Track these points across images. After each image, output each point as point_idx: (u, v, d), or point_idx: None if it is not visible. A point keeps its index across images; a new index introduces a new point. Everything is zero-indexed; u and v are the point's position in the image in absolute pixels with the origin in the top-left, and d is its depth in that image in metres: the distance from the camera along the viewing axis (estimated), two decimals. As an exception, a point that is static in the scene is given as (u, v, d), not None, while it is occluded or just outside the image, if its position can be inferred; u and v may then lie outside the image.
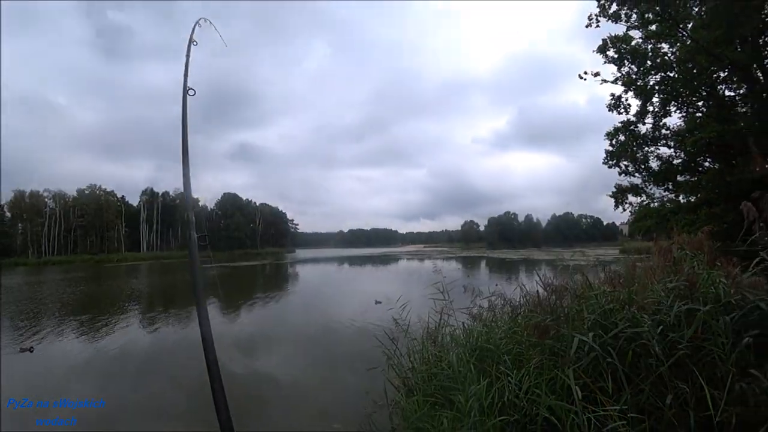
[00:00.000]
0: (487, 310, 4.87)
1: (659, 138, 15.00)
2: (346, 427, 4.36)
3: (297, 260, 59.73)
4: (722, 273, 3.42)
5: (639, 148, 15.24)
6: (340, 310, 14.63)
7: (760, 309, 3.02)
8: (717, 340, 2.85)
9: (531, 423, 2.62)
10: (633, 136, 15.25)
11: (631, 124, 15.46)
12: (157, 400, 6.30)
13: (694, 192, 13.68)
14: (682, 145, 13.87)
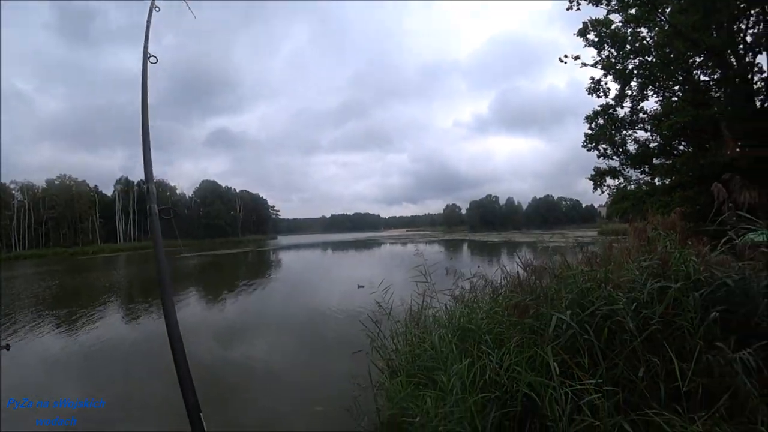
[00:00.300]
0: (469, 292, 4.96)
1: (637, 122, 15.31)
2: (330, 410, 4.41)
3: (279, 247, 59.32)
4: (693, 252, 3.56)
5: (617, 132, 15.55)
6: (324, 295, 14.65)
7: (727, 285, 3.17)
8: (687, 315, 2.97)
9: (511, 399, 2.70)
10: (611, 120, 15.54)
11: (610, 107, 15.72)
12: (139, 393, 6.27)
13: (669, 174, 14.09)
14: (658, 128, 14.22)
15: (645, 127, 15.29)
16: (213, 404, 5.74)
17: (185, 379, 1.57)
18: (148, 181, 2.13)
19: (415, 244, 49.07)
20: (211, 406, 5.67)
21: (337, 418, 4.17)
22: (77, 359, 8.56)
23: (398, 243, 55.51)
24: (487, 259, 25.84)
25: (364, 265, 29.27)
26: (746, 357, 2.60)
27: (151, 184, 2.13)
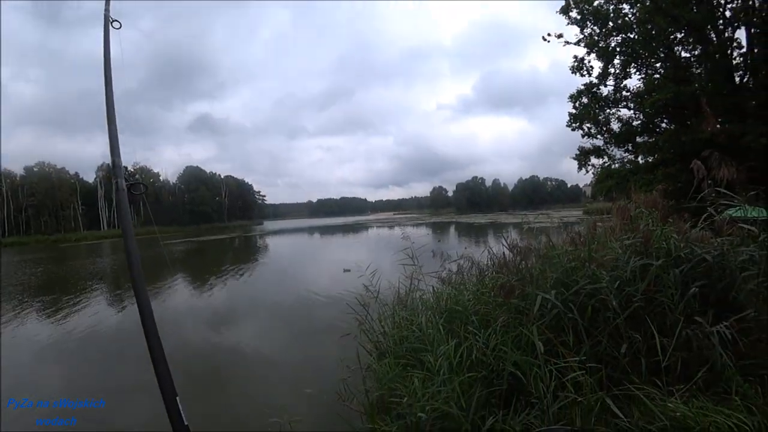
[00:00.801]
0: (456, 274, 4.99)
1: (620, 100, 15.38)
2: (319, 393, 4.44)
3: (266, 232, 58.94)
4: (674, 229, 3.62)
5: (601, 111, 15.62)
6: (311, 280, 14.65)
7: (706, 261, 3.24)
8: (667, 291, 3.04)
9: (497, 378, 2.75)
10: (595, 99, 15.58)
11: (594, 86, 15.73)
12: (124, 378, 6.24)
13: (652, 152, 14.26)
14: (640, 106, 14.30)
15: (628, 105, 15.38)
16: (201, 388, 5.76)
17: (160, 363, 1.52)
18: (114, 155, 2.01)
19: (402, 227, 49.27)
20: (199, 390, 5.73)
21: (327, 400, 4.20)
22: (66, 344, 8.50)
23: (385, 226, 55.60)
24: (474, 240, 26.09)
25: (351, 248, 29.28)
26: (723, 330, 2.69)
27: (117, 157, 2.01)
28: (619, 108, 15.71)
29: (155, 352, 1.55)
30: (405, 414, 2.41)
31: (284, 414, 3.65)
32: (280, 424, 3.65)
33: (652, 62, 14.68)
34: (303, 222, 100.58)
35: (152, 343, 1.56)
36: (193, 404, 5.16)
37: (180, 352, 7.45)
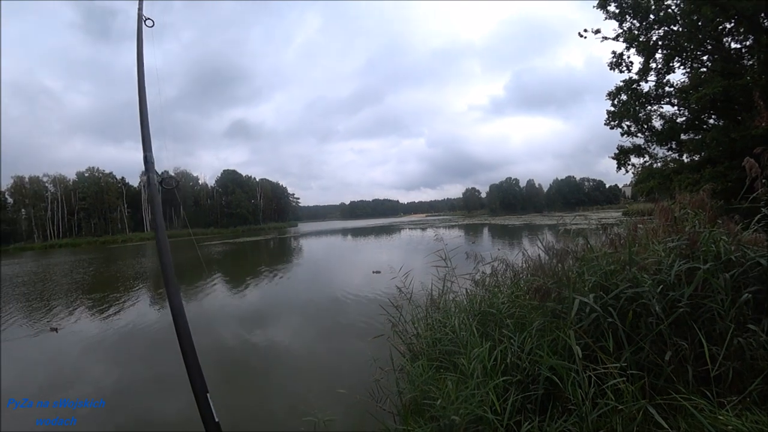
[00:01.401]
0: (489, 276, 4.93)
1: (662, 96, 14.69)
2: (352, 393, 4.48)
3: (300, 234, 60.05)
4: (723, 231, 3.43)
5: (641, 108, 14.97)
6: (345, 281, 14.79)
7: (761, 265, 3.04)
8: (716, 297, 2.88)
9: (533, 382, 2.69)
10: (635, 95, 14.94)
11: (633, 82, 15.11)
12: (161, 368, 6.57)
13: (698, 150, 13.53)
14: (686, 102, 13.60)
15: (671, 101, 14.67)
16: (235, 385, 5.95)
17: (191, 359, 1.56)
18: (146, 150, 2.09)
19: (434, 228, 49.01)
20: (233, 386, 5.91)
21: (360, 400, 4.24)
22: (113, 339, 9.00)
23: (417, 228, 55.44)
24: (508, 242, 25.55)
25: (384, 250, 29.36)
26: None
27: (149, 152, 2.09)
28: (662, 104, 15.02)
29: (186, 348, 1.59)
30: (438, 416, 2.40)
31: (318, 413, 3.71)
32: (314, 423, 3.72)
33: (698, 55, 13.94)
34: (336, 224, 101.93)
35: (183, 340, 1.60)
36: (227, 400, 5.37)
37: (215, 349, 7.74)
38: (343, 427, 3.88)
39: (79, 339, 9.09)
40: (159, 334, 9.10)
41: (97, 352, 8.23)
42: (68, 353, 8.08)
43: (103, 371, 7.11)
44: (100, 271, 24.07)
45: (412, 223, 75.68)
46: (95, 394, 6.17)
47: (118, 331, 9.70)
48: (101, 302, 13.33)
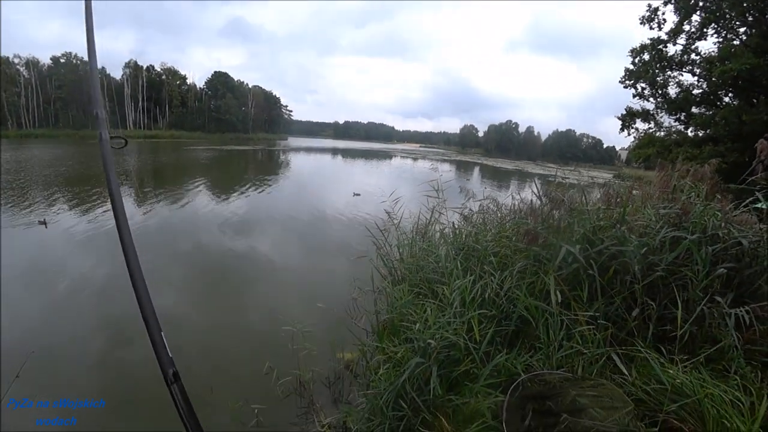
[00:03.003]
0: (477, 213, 4.96)
1: (686, 63, 14.09)
2: (329, 307, 4.66)
3: (290, 148, 58.95)
4: (717, 207, 3.46)
5: (661, 71, 14.41)
6: (330, 200, 14.86)
7: (741, 245, 3.13)
8: (693, 267, 2.97)
9: (506, 319, 2.82)
10: (658, 57, 14.29)
11: (661, 42, 14.37)
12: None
13: (705, 126, 13.32)
14: (708, 73, 13.07)
15: (693, 70, 14.11)
16: (214, 294, 6.13)
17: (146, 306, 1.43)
18: (96, 107, 1.71)
19: (427, 160, 48.76)
20: (212, 295, 6.07)
21: (337, 316, 4.43)
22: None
23: (409, 157, 55.02)
24: (497, 185, 25.72)
25: (373, 175, 29.32)
26: (742, 314, 2.66)
27: (100, 109, 1.72)
28: (682, 71, 14.48)
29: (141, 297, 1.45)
30: (414, 339, 2.51)
31: (297, 324, 3.88)
32: (292, 333, 3.89)
33: (736, 26, 13.14)
34: (328, 142, 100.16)
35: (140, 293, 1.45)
36: (206, 306, 5.53)
37: (195, 254, 7.86)
38: (320, 339, 4.08)
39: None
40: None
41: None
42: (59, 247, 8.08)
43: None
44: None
45: (404, 152, 74.98)
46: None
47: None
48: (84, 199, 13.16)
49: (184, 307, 5.50)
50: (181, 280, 6.56)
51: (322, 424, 3.30)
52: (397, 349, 2.55)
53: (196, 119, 73.86)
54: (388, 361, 2.66)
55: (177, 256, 7.69)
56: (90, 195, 13.25)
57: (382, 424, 2.46)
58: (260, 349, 4.43)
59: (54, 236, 8.75)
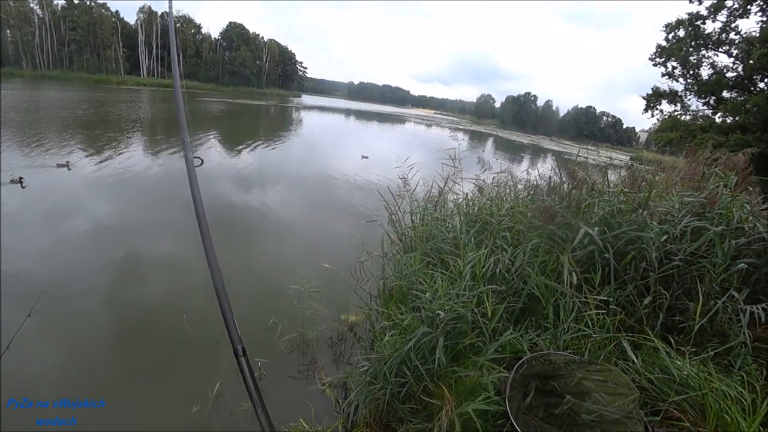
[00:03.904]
0: (491, 186, 4.86)
1: (723, 42, 13.31)
2: (337, 269, 4.66)
3: (303, 106, 58.01)
4: (745, 199, 3.34)
5: (695, 50, 13.67)
6: (341, 161, 14.71)
7: (764, 240, 3.03)
8: (713, 259, 2.89)
9: (514, 295, 2.78)
10: (694, 34, 13.50)
11: (699, 18, 13.53)
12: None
13: (735, 113, 12.73)
14: (746, 55, 12.39)
15: (731, 50, 13.35)
16: (223, 241, 6.14)
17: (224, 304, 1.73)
18: (182, 132, 1.95)
19: (440, 128, 47.92)
20: (222, 242, 6.08)
21: (344, 278, 4.43)
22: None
23: (423, 124, 54.05)
24: (510, 157, 25.30)
25: (385, 139, 28.92)
26: (758, 311, 2.60)
27: (185, 135, 2.07)
28: (718, 51, 13.69)
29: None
30: (421, 307, 2.49)
31: (305, 282, 3.89)
32: (299, 291, 3.91)
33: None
34: (341, 102, 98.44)
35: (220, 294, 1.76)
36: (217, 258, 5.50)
37: (205, 204, 7.86)
38: (326, 300, 4.11)
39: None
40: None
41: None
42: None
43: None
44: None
45: (418, 117, 73.65)
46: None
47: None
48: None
49: (190, 255, 5.54)
50: (189, 230, 6.56)
51: (322, 382, 3.36)
52: (404, 317, 2.54)
53: (210, 70, 72.34)
54: (393, 328, 2.65)
55: (187, 206, 7.67)
56: (110, 139, 13.29)
57: (384, 388, 2.48)
58: (265, 303, 4.47)
59: (79, 178, 8.79)
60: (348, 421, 2.87)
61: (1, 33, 46.14)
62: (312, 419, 2.93)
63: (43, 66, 57.33)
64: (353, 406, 2.81)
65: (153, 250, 5.60)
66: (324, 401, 3.22)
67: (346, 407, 2.98)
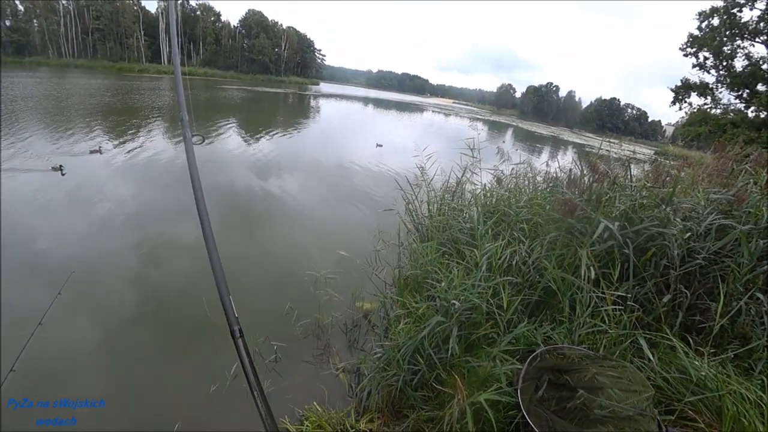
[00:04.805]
0: (510, 177, 4.82)
1: (761, 32, 12.68)
2: (352, 257, 4.69)
3: (321, 94, 58.00)
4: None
5: (730, 40, 13.06)
6: (359, 150, 14.71)
7: (793, 241, 2.93)
8: (738, 259, 2.81)
9: (530, 288, 2.77)
10: (730, 22, 12.88)
11: (736, 5, 12.89)
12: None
13: (769, 107, 12.23)
14: (785, 47, 11.86)
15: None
16: (238, 231, 6.24)
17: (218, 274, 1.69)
18: (181, 109, 2.09)
19: (459, 117, 47.39)
20: (235, 232, 6.20)
21: (360, 266, 4.47)
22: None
23: (441, 113, 53.51)
24: (528, 149, 24.89)
25: (401, 128, 28.77)
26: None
27: (184, 113, 2.09)
28: (755, 41, 13.06)
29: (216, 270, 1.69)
30: (436, 297, 2.51)
31: (321, 269, 3.94)
32: (315, 277, 3.96)
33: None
34: (359, 91, 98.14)
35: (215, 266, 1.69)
36: (229, 242, 5.66)
37: (221, 189, 7.99)
38: (341, 286, 4.16)
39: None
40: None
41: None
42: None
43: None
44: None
45: (437, 106, 72.91)
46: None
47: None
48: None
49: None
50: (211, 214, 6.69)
51: (336, 367, 3.43)
52: (419, 306, 2.56)
53: (229, 58, 72.94)
54: (408, 316, 2.68)
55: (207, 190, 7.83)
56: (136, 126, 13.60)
57: (397, 375, 2.52)
58: (282, 289, 4.55)
59: (109, 164, 9.03)
60: (360, 406, 2.92)
61: (0, 23, 47.34)
62: (326, 402, 2.99)
63: (68, 54, 58.68)
64: (366, 392, 2.86)
65: (178, 234, 5.74)
66: (337, 386, 3.28)
67: (358, 392, 3.03)
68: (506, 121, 62.27)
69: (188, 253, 5.15)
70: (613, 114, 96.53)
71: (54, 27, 57.29)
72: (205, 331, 3.51)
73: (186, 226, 5.85)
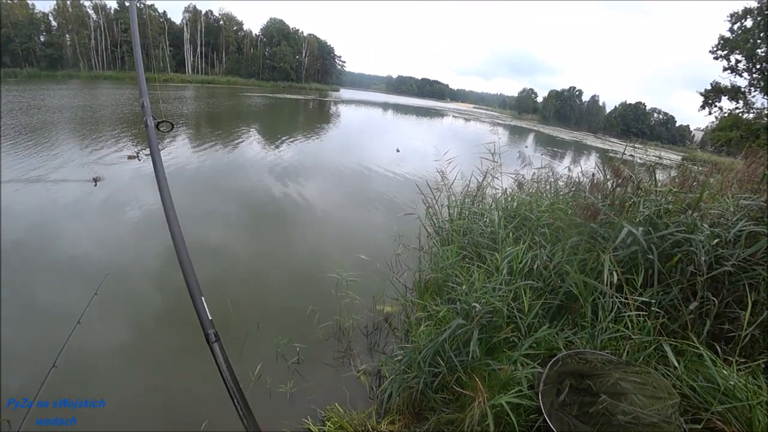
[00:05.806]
0: (531, 182, 4.80)
1: (797, 34, 12.23)
2: (373, 260, 4.73)
3: (341, 100, 58.65)
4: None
5: (764, 42, 12.62)
6: (379, 155, 14.81)
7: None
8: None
9: (551, 292, 2.76)
10: (764, 24, 12.45)
11: (772, 7, 12.47)
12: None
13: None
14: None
15: (805, 43, 12.25)
16: (259, 231, 6.37)
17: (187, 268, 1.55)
18: (142, 95, 1.95)
19: (479, 122, 47.17)
20: (256, 232, 6.31)
21: (380, 270, 4.51)
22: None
23: (461, 118, 53.35)
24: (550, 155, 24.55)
25: (421, 133, 28.82)
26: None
27: (145, 99, 1.96)
28: (790, 44, 12.59)
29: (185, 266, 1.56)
30: (457, 300, 2.53)
31: (342, 272, 4.00)
32: (337, 280, 4.03)
33: None
34: (379, 96, 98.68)
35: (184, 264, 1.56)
36: (250, 241, 5.79)
37: (242, 192, 8.18)
38: (362, 289, 4.20)
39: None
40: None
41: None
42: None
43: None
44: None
45: (457, 111, 72.71)
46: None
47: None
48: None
49: (234, 243, 5.80)
50: (234, 218, 6.89)
51: (357, 369, 3.47)
52: (439, 309, 2.59)
53: (251, 66, 74.69)
54: (428, 319, 2.71)
55: (227, 195, 8.06)
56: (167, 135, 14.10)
57: (418, 378, 2.55)
58: (304, 291, 4.63)
59: (146, 170, 9.38)
60: (381, 408, 2.95)
61: (0, 34, 49.62)
62: (347, 403, 3.03)
63: (97, 66, 61.25)
64: (387, 394, 2.89)
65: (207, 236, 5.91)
66: (358, 387, 3.32)
67: (379, 394, 3.07)
68: (527, 125, 61.55)
69: (208, 254, 5.31)
70: (639, 118, 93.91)
71: (85, 41, 59.97)
72: (230, 333, 3.59)
73: (203, 227, 6.02)
